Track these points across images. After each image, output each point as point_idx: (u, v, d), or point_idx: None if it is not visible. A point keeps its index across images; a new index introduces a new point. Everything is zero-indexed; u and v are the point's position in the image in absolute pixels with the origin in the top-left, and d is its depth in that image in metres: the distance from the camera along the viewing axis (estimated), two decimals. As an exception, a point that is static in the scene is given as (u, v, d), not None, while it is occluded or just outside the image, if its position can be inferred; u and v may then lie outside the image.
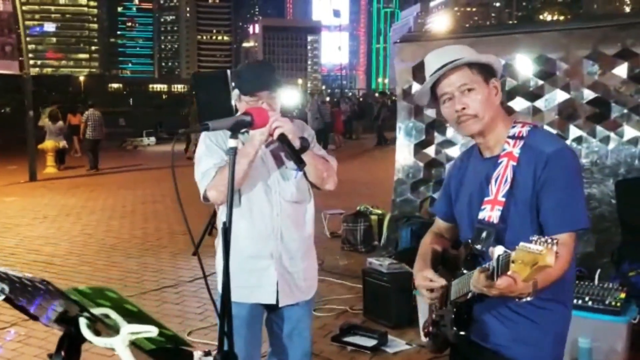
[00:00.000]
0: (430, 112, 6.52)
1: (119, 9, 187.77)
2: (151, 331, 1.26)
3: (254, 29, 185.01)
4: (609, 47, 5.23)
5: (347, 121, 22.32)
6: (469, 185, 2.04)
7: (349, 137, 23.33)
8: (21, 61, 12.89)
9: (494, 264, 1.59)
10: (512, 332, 1.89)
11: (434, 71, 1.92)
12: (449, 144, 6.46)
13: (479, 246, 1.88)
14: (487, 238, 1.86)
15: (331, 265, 6.24)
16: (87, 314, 1.30)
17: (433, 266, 2.08)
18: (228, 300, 1.72)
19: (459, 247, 2.19)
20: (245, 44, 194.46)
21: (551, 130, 5.38)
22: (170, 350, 1.42)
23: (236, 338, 2.40)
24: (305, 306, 2.62)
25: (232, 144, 1.76)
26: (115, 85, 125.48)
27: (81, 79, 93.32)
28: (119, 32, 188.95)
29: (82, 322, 1.33)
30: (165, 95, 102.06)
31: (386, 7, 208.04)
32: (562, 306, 1.93)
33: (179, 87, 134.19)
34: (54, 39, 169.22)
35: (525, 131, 1.91)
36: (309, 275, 2.61)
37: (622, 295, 3.64)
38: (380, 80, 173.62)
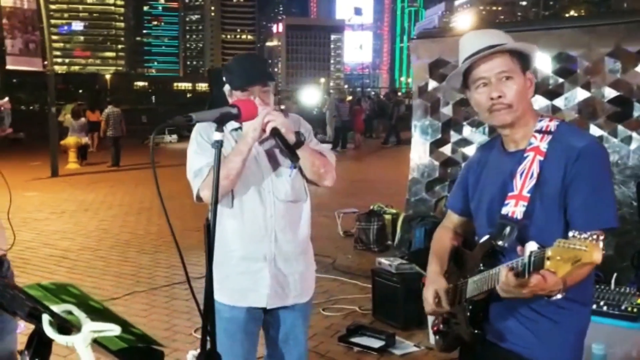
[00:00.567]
0: (447, 110, 6.42)
1: (145, 8, 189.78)
2: (113, 330, 1.21)
3: (278, 28, 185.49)
4: (632, 44, 5.08)
5: (367, 120, 22.20)
6: (490, 180, 1.96)
7: (369, 135, 23.22)
8: (45, 58, 13.03)
9: (525, 260, 1.52)
10: (531, 333, 1.82)
11: (472, 54, 1.82)
12: (465, 142, 6.34)
13: (500, 242, 1.81)
14: (510, 234, 1.79)
15: (343, 264, 6.17)
16: (49, 311, 1.25)
17: (445, 268, 2.03)
18: (211, 299, 1.66)
19: (471, 243, 2.11)
20: (268, 43, 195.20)
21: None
22: (141, 350, 1.36)
23: (232, 342, 2.34)
24: (301, 310, 2.49)
25: (218, 136, 1.70)
26: (140, 84, 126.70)
27: (107, 77, 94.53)
28: (145, 31, 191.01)
29: (45, 318, 1.29)
30: (190, 94, 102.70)
31: (410, 6, 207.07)
32: (583, 306, 1.86)
33: (203, 86, 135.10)
34: (81, 38, 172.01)
35: (553, 125, 1.83)
36: (305, 277, 2.48)
37: (639, 301, 3.51)
38: (403, 79, 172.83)
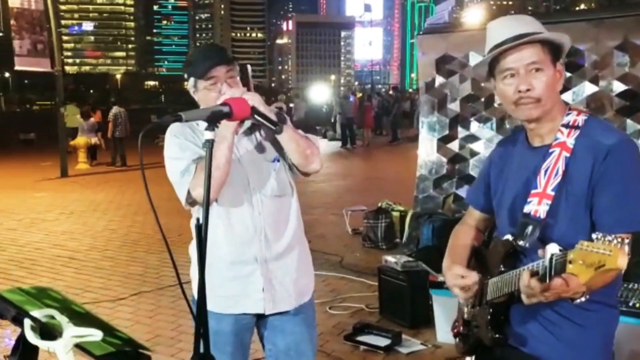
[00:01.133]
0: (454, 106, 6.37)
1: (155, 7, 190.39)
2: (95, 335, 1.19)
3: (288, 25, 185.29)
4: (640, 37, 5.00)
5: (375, 117, 22.14)
6: (513, 175, 1.86)
7: (378, 132, 23.15)
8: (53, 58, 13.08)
9: (547, 263, 1.44)
10: (556, 337, 1.73)
11: (500, 42, 1.71)
12: (472, 138, 6.28)
13: (522, 242, 1.73)
14: (532, 234, 1.71)
15: (350, 262, 6.14)
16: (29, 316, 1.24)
17: (463, 264, 1.94)
18: (204, 303, 1.63)
19: (490, 242, 2.05)
20: (278, 41, 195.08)
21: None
22: (127, 355, 1.34)
23: (219, 355, 2.19)
24: (302, 313, 2.32)
25: (209, 136, 1.65)
26: (151, 83, 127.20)
27: (118, 76, 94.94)
28: (155, 30, 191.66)
29: (27, 323, 1.27)
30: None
31: (420, 2, 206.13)
32: (610, 307, 1.77)
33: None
34: (92, 38, 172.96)
35: (581, 120, 1.73)
36: (301, 275, 2.32)
37: (648, 297, 3.45)
38: (414, 75, 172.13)
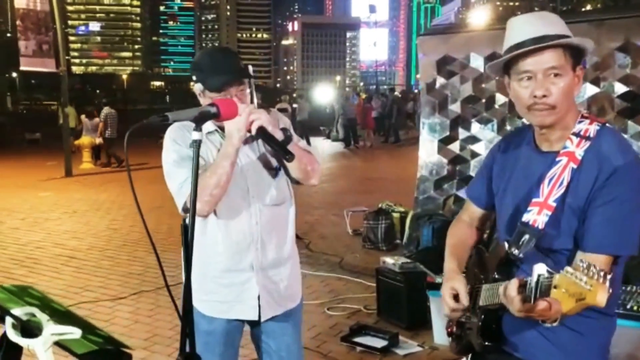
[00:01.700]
0: (455, 107, 6.36)
1: (162, 8, 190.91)
2: (73, 333, 1.19)
3: (293, 26, 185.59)
4: (641, 38, 4.99)
5: (379, 118, 22.13)
6: (517, 178, 1.81)
7: (382, 134, 23.13)
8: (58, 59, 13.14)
9: (532, 285, 1.40)
10: (551, 342, 1.71)
11: (522, 41, 1.64)
12: (473, 140, 6.28)
13: (516, 251, 1.70)
14: (527, 243, 1.68)
15: (350, 263, 6.14)
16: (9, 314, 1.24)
17: (463, 267, 1.91)
18: (189, 301, 1.64)
19: (489, 243, 2.04)
20: (284, 42, 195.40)
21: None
22: (108, 353, 1.34)
23: (210, 356, 2.21)
24: (290, 316, 2.36)
25: (196, 136, 1.65)
26: (157, 83, 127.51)
27: (124, 77, 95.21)
28: (161, 30, 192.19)
29: (8, 321, 1.28)
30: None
31: (426, 3, 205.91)
32: (608, 316, 1.74)
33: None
34: (98, 38, 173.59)
35: (593, 130, 1.66)
36: (293, 280, 2.36)
37: (645, 300, 3.44)
38: (419, 76, 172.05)
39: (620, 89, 5.18)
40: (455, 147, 6.42)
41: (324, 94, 31.40)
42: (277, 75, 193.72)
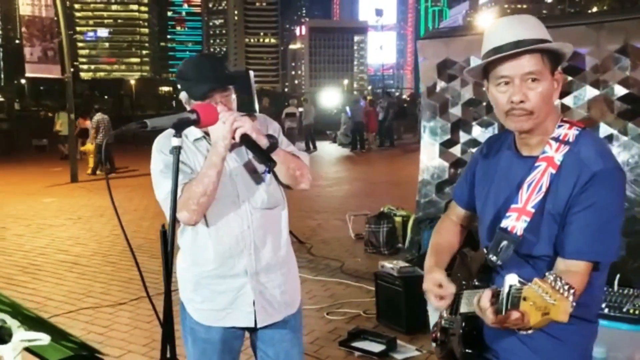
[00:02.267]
0: (456, 110, 6.35)
1: (169, 13, 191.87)
2: (42, 339, 1.20)
3: (301, 30, 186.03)
4: (641, 40, 4.96)
5: (384, 121, 22.12)
6: (497, 183, 1.79)
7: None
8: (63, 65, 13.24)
9: (504, 296, 1.39)
10: (532, 350, 1.69)
11: (500, 45, 1.61)
12: (474, 143, 6.25)
13: (494, 258, 1.68)
14: (506, 250, 1.66)
15: (351, 267, 6.13)
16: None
17: (445, 265, 1.88)
18: (169, 309, 1.65)
19: (476, 242, 2.02)
20: (292, 46, 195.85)
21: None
22: (84, 358, 1.35)
23: None
24: (290, 323, 2.33)
25: (176, 142, 1.66)
26: (165, 88, 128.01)
27: (132, 82, 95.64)
28: (169, 36, 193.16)
29: (-22, 328, 1.28)
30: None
31: (434, 6, 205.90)
32: (588, 322, 1.73)
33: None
34: (106, 44, 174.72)
35: (572, 135, 1.65)
36: (290, 286, 2.33)
37: (642, 303, 3.42)
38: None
39: (620, 91, 5.15)
40: (456, 150, 6.40)
41: (331, 97, 31.44)
42: (285, 79, 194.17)
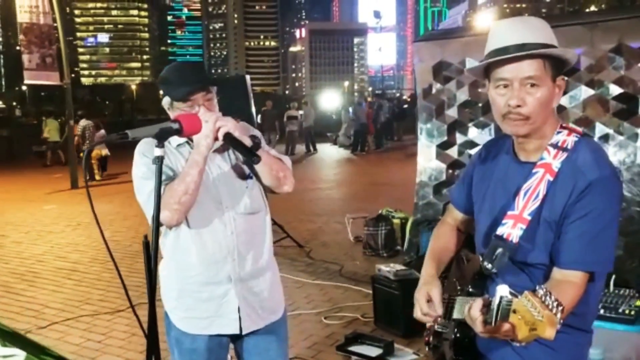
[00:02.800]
0: (452, 112, 6.34)
1: (169, 17, 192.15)
2: (17, 355, 1.19)
3: (301, 33, 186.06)
4: (635, 40, 4.96)
5: (386, 123, 22.13)
6: (494, 188, 1.78)
7: (389, 138, 23.11)
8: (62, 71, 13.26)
9: (494, 307, 1.35)
10: (523, 358, 1.67)
11: (503, 47, 1.60)
12: (471, 144, 6.25)
13: (489, 265, 1.66)
14: (501, 258, 1.64)
15: (350, 271, 6.12)
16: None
17: (442, 270, 1.87)
18: (154, 321, 1.64)
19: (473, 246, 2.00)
20: (292, 49, 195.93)
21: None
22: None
23: None
24: (274, 330, 2.33)
25: (158, 152, 1.66)
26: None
27: (133, 87, 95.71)
28: (169, 40, 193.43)
29: (-45, 344, 1.28)
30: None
31: (433, 6, 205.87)
32: (582, 332, 1.71)
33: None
34: (107, 49, 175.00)
35: (571, 142, 1.63)
36: (274, 292, 2.33)
37: (638, 303, 3.41)
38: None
39: (615, 90, 5.15)
40: (453, 151, 6.40)
41: (331, 99, 31.43)
42: (285, 82, 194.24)
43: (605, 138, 5.21)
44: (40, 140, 18.89)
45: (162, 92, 2.14)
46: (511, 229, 1.63)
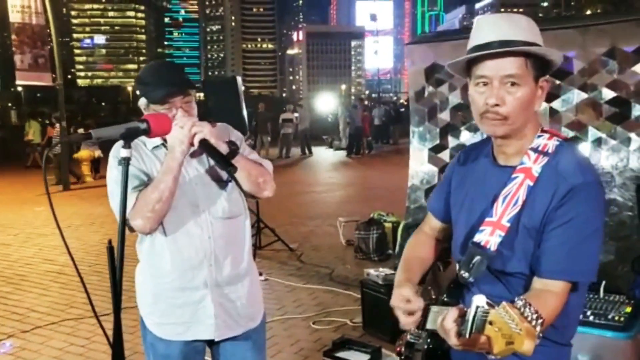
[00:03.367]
0: (444, 115, 6.29)
1: (166, 19, 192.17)
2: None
3: (298, 36, 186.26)
4: (627, 44, 4.92)
5: (382, 126, 22.12)
6: (473, 193, 1.71)
7: (385, 141, 23.09)
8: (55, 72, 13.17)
9: (469, 318, 1.28)
10: None
11: (485, 43, 1.53)
12: (463, 148, 6.19)
13: (466, 274, 1.58)
14: (479, 266, 1.57)
15: (341, 275, 6.06)
16: None
17: (417, 280, 1.77)
18: (119, 330, 1.59)
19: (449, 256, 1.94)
20: (289, 51, 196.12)
21: (569, 132, 5.12)
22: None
23: None
24: (252, 338, 2.28)
25: (124, 153, 1.60)
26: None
27: (129, 89, 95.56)
28: (166, 42, 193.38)
29: None
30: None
31: (431, 10, 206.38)
32: (560, 345, 1.63)
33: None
34: (103, 51, 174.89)
35: (552, 146, 1.57)
36: (252, 299, 2.27)
37: (628, 309, 3.35)
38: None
39: (608, 94, 5.11)
40: (445, 155, 6.34)
41: (327, 102, 31.39)
42: (282, 85, 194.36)
43: (598, 142, 5.17)
44: (24, 142, 18.55)
45: (138, 93, 2.08)
46: (489, 236, 1.57)
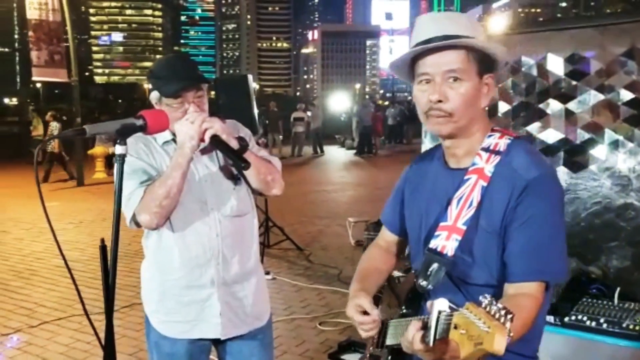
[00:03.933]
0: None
1: (183, 17, 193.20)
2: None
3: (313, 35, 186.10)
4: (647, 43, 4.81)
5: (396, 125, 22.02)
6: (424, 199, 1.65)
7: (398, 141, 22.99)
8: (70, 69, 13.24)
9: (432, 324, 1.18)
10: None
11: (426, 39, 1.50)
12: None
13: (424, 282, 1.50)
14: (437, 273, 1.49)
15: (349, 275, 5.97)
16: None
17: (373, 291, 1.70)
18: (111, 331, 1.55)
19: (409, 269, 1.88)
20: (304, 50, 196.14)
21: (585, 134, 5.02)
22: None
23: None
24: (258, 337, 2.26)
25: (119, 150, 1.56)
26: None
27: (146, 86, 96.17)
28: (182, 40, 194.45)
29: None
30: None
31: (447, 10, 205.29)
32: (527, 358, 1.56)
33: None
34: (120, 48, 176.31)
35: (503, 144, 1.52)
36: (259, 298, 2.25)
37: (643, 318, 3.26)
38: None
39: (626, 95, 4.99)
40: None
41: (341, 101, 31.31)
42: (297, 83, 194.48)
43: (615, 145, 5.06)
44: (31, 138, 18.43)
45: (151, 86, 2.05)
46: (445, 241, 1.49)
